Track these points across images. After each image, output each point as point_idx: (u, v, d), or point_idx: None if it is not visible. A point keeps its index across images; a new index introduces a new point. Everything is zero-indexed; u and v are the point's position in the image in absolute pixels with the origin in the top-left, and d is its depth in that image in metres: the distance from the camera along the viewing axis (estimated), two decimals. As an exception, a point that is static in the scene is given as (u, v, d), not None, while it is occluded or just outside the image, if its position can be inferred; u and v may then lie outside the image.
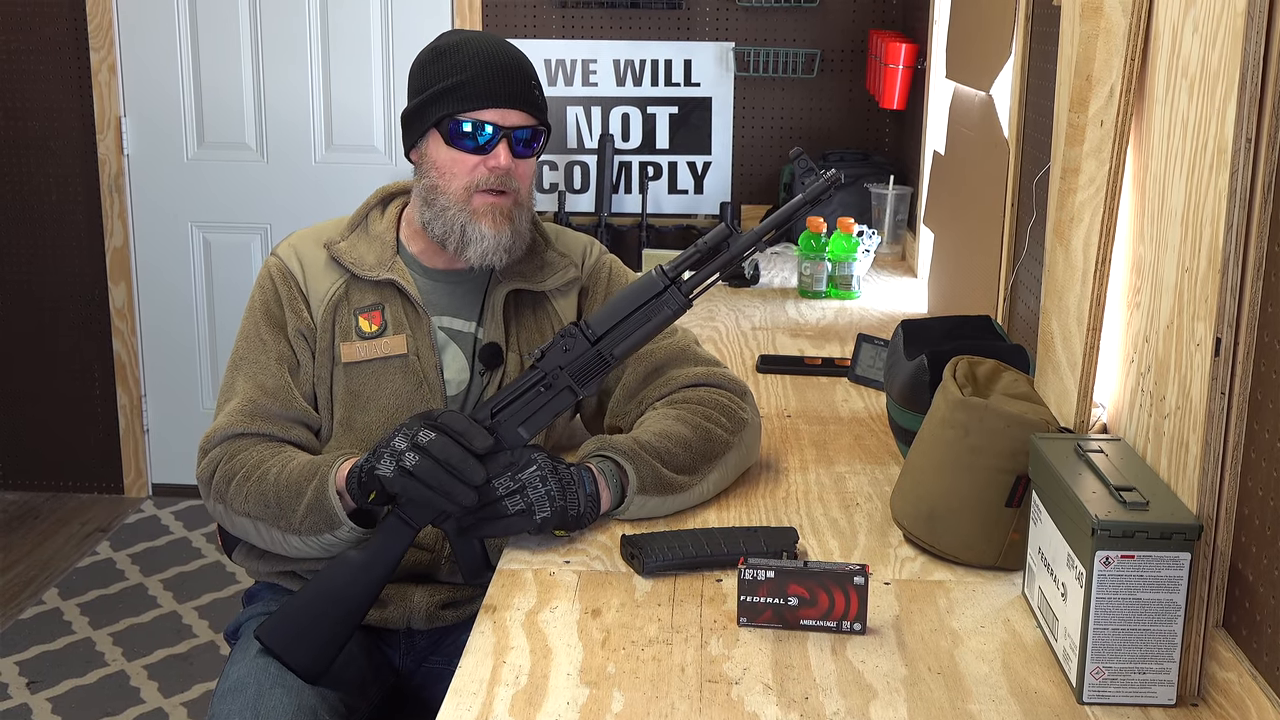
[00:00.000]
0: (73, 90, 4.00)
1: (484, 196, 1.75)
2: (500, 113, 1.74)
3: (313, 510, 1.63)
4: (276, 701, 1.55)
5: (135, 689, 3.06)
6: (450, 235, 1.76)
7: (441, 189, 1.76)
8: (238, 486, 1.68)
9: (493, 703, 1.24)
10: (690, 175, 3.99)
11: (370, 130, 4.03)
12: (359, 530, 1.63)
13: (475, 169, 1.75)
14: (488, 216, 1.75)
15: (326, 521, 1.62)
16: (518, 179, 1.77)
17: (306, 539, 1.65)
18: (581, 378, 1.60)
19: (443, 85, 1.74)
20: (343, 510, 1.61)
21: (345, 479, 1.62)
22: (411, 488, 1.52)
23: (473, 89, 1.73)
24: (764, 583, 1.37)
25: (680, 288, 1.58)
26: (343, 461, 1.65)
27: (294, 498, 1.64)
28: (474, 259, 1.76)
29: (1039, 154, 2.04)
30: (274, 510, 1.65)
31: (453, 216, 1.75)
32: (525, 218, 1.80)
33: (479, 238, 1.75)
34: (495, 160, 1.74)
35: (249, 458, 1.70)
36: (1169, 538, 1.20)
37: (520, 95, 1.75)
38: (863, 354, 2.30)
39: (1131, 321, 1.43)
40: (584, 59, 3.92)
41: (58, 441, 4.20)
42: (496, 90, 1.73)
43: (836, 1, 3.86)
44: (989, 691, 1.26)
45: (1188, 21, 1.28)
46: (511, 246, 1.77)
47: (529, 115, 1.76)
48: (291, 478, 1.65)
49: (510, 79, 1.75)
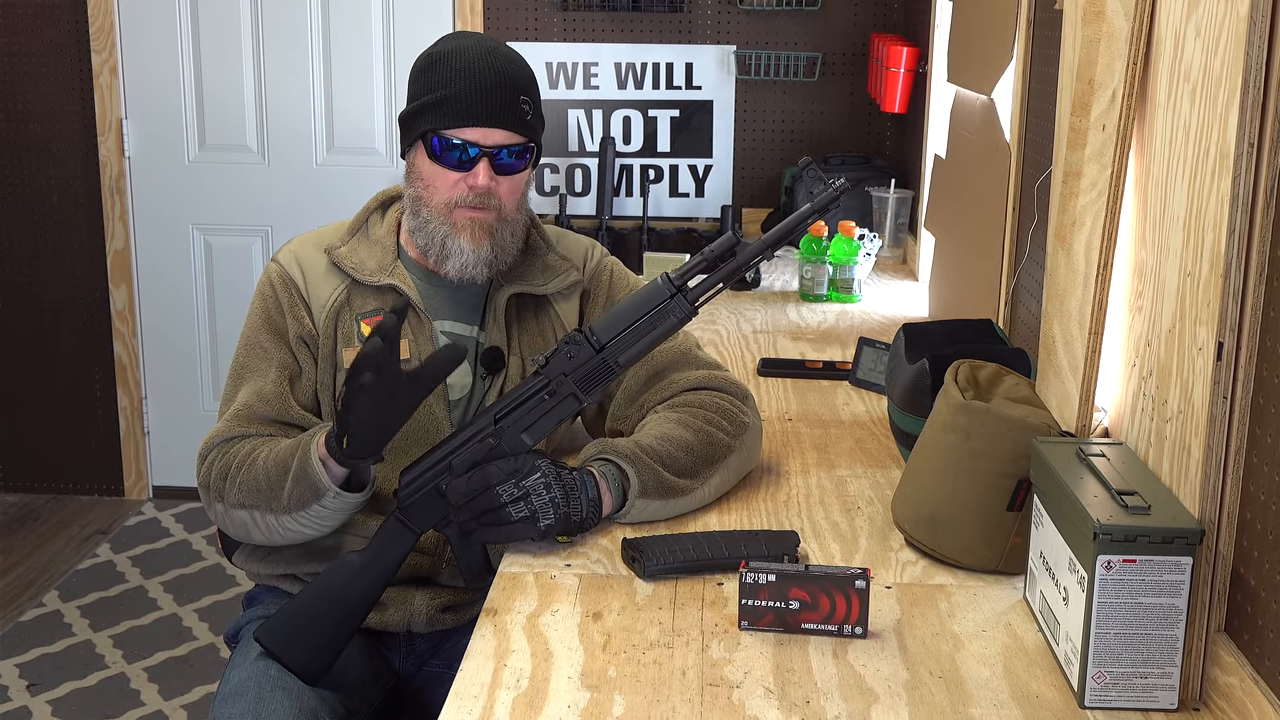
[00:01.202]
0: (74, 92, 4.00)
1: (464, 211, 1.74)
2: (482, 131, 1.72)
3: (298, 482, 1.62)
4: (277, 705, 1.55)
5: (135, 691, 3.06)
6: (431, 247, 1.77)
7: (425, 201, 1.76)
8: (231, 479, 1.68)
9: (494, 706, 1.24)
10: (691, 178, 3.99)
11: (371, 133, 4.03)
12: (345, 495, 1.61)
13: (456, 185, 1.74)
14: (467, 231, 1.74)
15: (312, 490, 1.61)
16: (499, 196, 1.75)
17: (297, 515, 1.64)
18: (586, 385, 1.60)
19: (429, 99, 1.73)
20: (326, 476, 1.60)
21: (324, 443, 1.61)
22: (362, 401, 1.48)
23: (455, 105, 1.72)
24: (765, 586, 1.37)
25: (686, 296, 1.58)
26: (323, 429, 1.65)
27: (281, 475, 1.64)
28: (452, 272, 1.76)
29: (1040, 158, 2.03)
30: (265, 494, 1.65)
31: (434, 229, 1.76)
32: (509, 231, 1.78)
33: (458, 251, 1.75)
34: (474, 179, 1.73)
35: (240, 449, 1.71)
36: (1171, 542, 1.20)
37: (505, 114, 1.73)
38: (864, 357, 2.30)
39: (1133, 325, 1.43)
40: (585, 62, 3.92)
41: (58, 443, 4.20)
42: (479, 108, 1.71)
43: (838, 5, 3.86)
44: (990, 696, 1.26)
45: (1190, 26, 1.28)
46: (493, 260, 1.77)
47: (514, 134, 1.74)
48: (278, 457, 1.66)
49: (495, 96, 1.72)
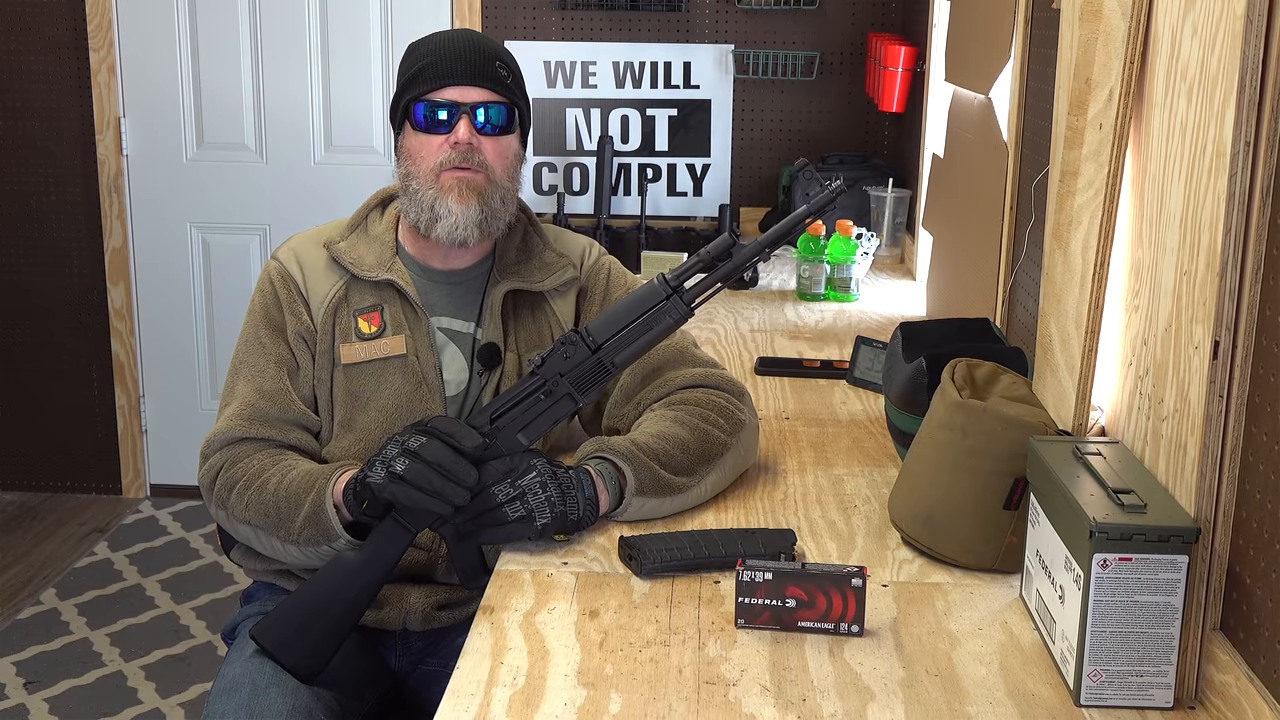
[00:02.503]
0: (72, 91, 4.00)
1: (451, 173, 1.75)
2: (460, 90, 1.74)
3: (310, 523, 1.63)
4: (271, 701, 1.55)
5: (132, 689, 3.06)
6: (422, 215, 1.76)
7: (413, 174, 1.77)
8: (239, 495, 1.69)
9: (490, 703, 1.24)
10: (689, 177, 3.99)
11: (369, 131, 4.03)
12: (355, 543, 1.63)
13: (440, 148, 1.75)
14: (454, 191, 1.74)
15: (323, 534, 1.63)
16: (484, 155, 1.76)
17: (305, 549, 1.66)
18: (582, 385, 1.60)
19: (409, 74, 1.77)
20: (339, 523, 1.62)
21: (342, 491, 1.63)
22: (402, 493, 1.52)
23: (433, 70, 1.75)
24: (762, 584, 1.37)
25: (682, 296, 1.58)
26: (341, 473, 1.65)
27: (292, 509, 1.64)
28: (442, 235, 1.76)
29: (1038, 157, 2.04)
30: (273, 520, 1.66)
31: (423, 196, 1.76)
32: (499, 195, 1.78)
33: (446, 213, 1.74)
34: (456, 135, 1.74)
35: (249, 466, 1.71)
36: (1167, 540, 1.20)
37: (479, 72, 1.75)
38: (861, 356, 2.30)
39: (1130, 324, 1.43)
40: (583, 61, 3.92)
41: (56, 442, 4.20)
42: (455, 69, 1.74)
43: (836, 4, 3.86)
44: (986, 694, 1.26)
45: (1187, 25, 1.28)
46: (482, 222, 1.76)
47: (491, 91, 1.76)
48: (290, 489, 1.66)
49: (469, 58, 1.75)
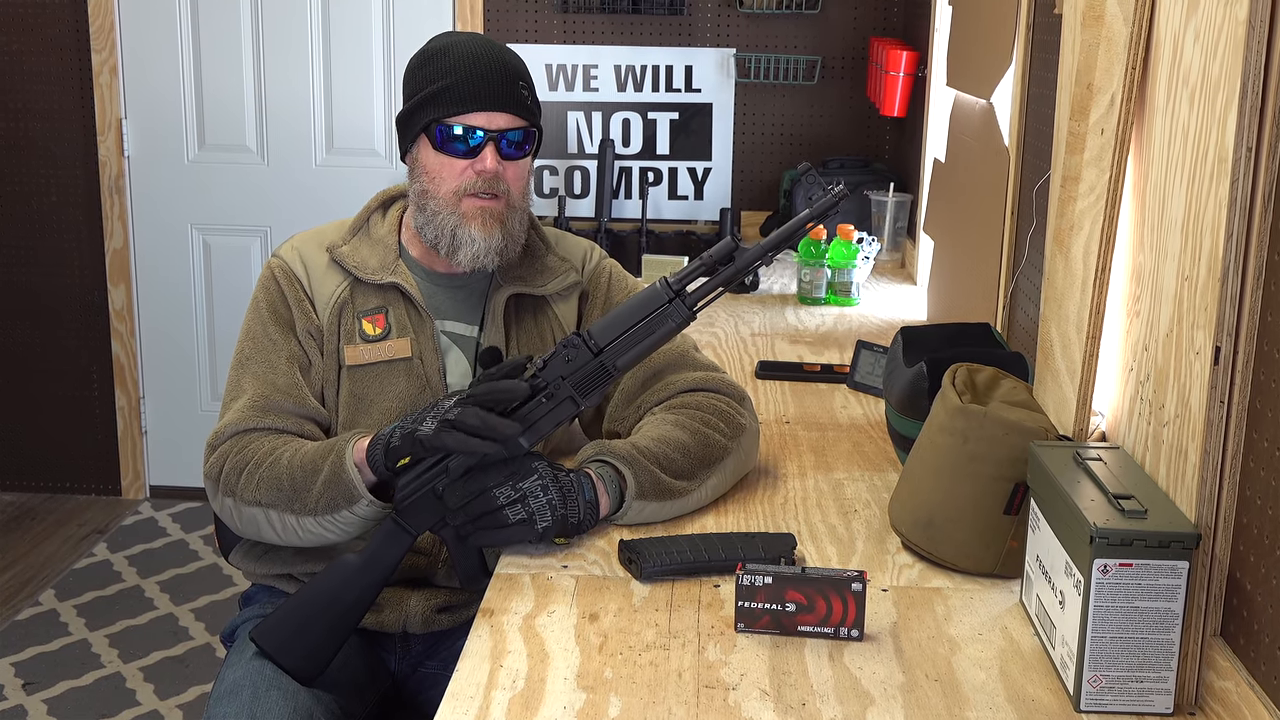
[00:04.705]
0: (74, 92, 4.00)
1: (473, 200, 1.75)
2: (487, 116, 1.74)
3: (330, 485, 1.61)
4: (272, 704, 1.54)
5: (131, 691, 3.06)
6: (441, 239, 1.76)
7: (431, 194, 1.76)
8: (248, 476, 1.67)
9: (490, 706, 1.24)
10: (690, 181, 3.99)
11: (371, 133, 4.03)
12: (378, 504, 1.61)
13: (463, 173, 1.75)
14: (477, 220, 1.75)
15: (345, 495, 1.60)
16: (507, 181, 1.76)
17: (322, 519, 1.63)
18: (583, 389, 1.60)
19: (430, 90, 1.74)
20: (362, 483, 1.60)
21: (366, 450, 1.61)
22: (454, 440, 1.51)
23: (458, 92, 1.73)
24: (762, 588, 1.37)
25: (684, 300, 1.59)
26: (359, 436, 1.64)
27: (309, 476, 1.62)
28: (465, 263, 1.76)
29: (1039, 162, 2.04)
30: (287, 493, 1.64)
31: (443, 221, 1.76)
32: (518, 219, 1.80)
33: (469, 241, 1.75)
34: (482, 164, 1.73)
35: (260, 447, 1.69)
36: (1167, 546, 1.20)
37: (507, 97, 1.74)
38: (862, 361, 2.30)
39: (1131, 330, 1.43)
40: (585, 64, 3.92)
41: (55, 443, 4.20)
42: (482, 93, 1.73)
43: (838, 8, 3.87)
44: (986, 699, 1.26)
45: (1189, 30, 1.28)
46: (503, 249, 1.77)
47: (517, 117, 1.75)
48: (306, 458, 1.64)
49: (496, 81, 1.74)
